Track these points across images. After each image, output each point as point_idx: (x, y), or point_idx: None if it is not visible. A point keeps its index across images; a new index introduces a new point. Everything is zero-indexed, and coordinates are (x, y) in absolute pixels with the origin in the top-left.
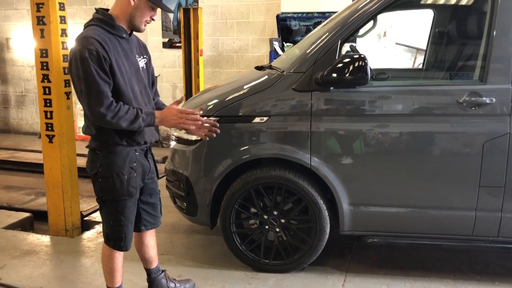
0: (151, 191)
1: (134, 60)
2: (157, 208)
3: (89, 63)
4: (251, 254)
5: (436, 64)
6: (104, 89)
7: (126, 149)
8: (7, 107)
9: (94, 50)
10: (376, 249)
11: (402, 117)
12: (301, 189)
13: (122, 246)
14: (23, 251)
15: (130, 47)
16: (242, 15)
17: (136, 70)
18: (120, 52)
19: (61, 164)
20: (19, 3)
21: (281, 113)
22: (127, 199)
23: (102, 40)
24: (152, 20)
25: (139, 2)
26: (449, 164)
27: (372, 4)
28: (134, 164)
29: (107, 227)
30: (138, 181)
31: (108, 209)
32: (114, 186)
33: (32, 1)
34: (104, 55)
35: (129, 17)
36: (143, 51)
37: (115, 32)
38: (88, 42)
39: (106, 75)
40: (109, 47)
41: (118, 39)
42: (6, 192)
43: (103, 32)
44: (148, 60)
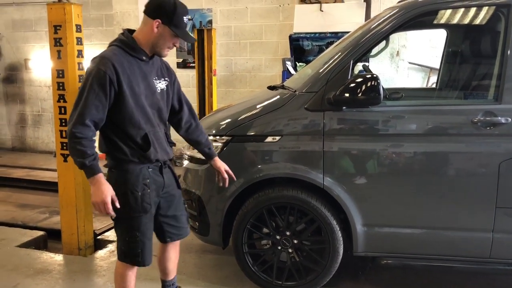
0: (169, 204)
1: (151, 82)
2: (181, 219)
3: (93, 82)
4: (264, 275)
5: (450, 83)
6: (90, 110)
7: (139, 166)
8: (24, 126)
9: (103, 71)
10: (391, 270)
11: (416, 137)
12: (314, 209)
13: (140, 261)
14: (36, 270)
15: (150, 70)
16: (255, 35)
17: (152, 92)
18: (138, 74)
19: (75, 183)
20: (38, 25)
21: (294, 132)
22: (141, 215)
23: (116, 62)
24: (174, 46)
25: (162, 30)
26: (465, 185)
27: (384, 24)
28: (147, 180)
29: (123, 244)
30: (152, 197)
31: (123, 226)
32: (128, 203)
33: (50, 23)
34: (111, 78)
35: (152, 43)
36: (165, 73)
37: (135, 54)
38: (101, 62)
39: (105, 97)
40: (124, 69)
41: (137, 61)
42: (21, 210)
43: (122, 54)
44: (170, 82)
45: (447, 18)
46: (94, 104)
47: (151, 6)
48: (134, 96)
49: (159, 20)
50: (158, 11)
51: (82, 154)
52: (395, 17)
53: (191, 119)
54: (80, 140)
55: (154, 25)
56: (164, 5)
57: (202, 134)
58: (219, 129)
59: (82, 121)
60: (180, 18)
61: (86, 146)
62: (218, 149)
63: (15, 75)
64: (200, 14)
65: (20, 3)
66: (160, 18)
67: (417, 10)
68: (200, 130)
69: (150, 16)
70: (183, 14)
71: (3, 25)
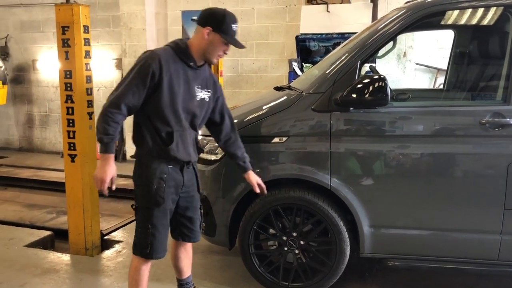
0: (188, 205)
1: (192, 88)
2: (195, 223)
3: (137, 71)
4: (270, 276)
5: (457, 84)
6: (127, 95)
7: (158, 161)
8: (32, 126)
9: (149, 63)
10: (398, 272)
11: (423, 138)
12: (321, 210)
13: (148, 253)
14: (44, 269)
15: (194, 77)
16: (262, 36)
17: (190, 98)
18: (181, 76)
19: (82, 183)
20: (46, 26)
21: (300, 133)
22: (153, 207)
23: (164, 59)
24: (225, 54)
25: (213, 37)
26: (472, 186)
27: (392, 25)
28: (164, 175)
29: (136, 235)
30: (168, 193)
31: (139, 217)
32: (143, 194)
33: (58, 24)
34: (154, 71)
35: (203, 50)
36: (211, 86)
37: (184, 59)
38: (150, 56)
39: (142, 86)
40: (169, 67)
41: (184, 65)
42: (28, 210)
43: (172, 55)
44: (212, 95)
45: (454, 18)
46: (132, 90)
47: (203, 15)
48: (171, 94)
49: (210, 27)
50: (208, 19)
51: (105, 131)
52: (403, 18)
53: (231, 133)
54: (108, 120)
55: (205, 32)
56: (214, 14)
57: (239, 148)
58: None
59: (118, 104)
60: (229, 26)
61: (111, 126)
62: None
63: (23, 76)
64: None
65: (28, 4)
66: (211, 26)
67: (424, 11)
68: (238, 144)
69: (201, 24)
70: (232, 22)
71: (11, 26)
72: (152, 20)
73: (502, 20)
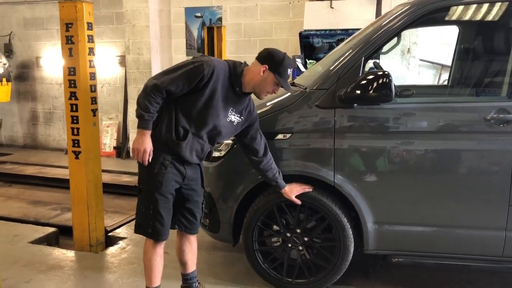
0: (188, 197)
1: (228, 109)
2: (194, 215)
3: (191, 68)
4: (274, 273)
5: (461, 80)
6: (173, 82)
7: (164, 148)
8: (36, 123)
9: (203, 67)
10: (402, 269)
11: (427, 134)
12: (325, 207)
13: (150, 233)
14: (49, 266)
15: (233, 100)
16: (265, 33)
17: (223, 116)
18: (222, 93)
19: (86, 180)
20: (49, 23)
21: (304, 130)
22: (153, 191)
23: (218, 71)
24: (273, 92)
25: (267, 75)
26: (477, 183)
27: (396, 21)
28: (166, 162)
29: (140, 216)
30: (168, 178)
31: (142, 197)
32: (144, 176)
33: (62, 21)
34: (204, 76)
35: (254, 83)
36: (245, 113)
37: (233, 81)
38: (208, 63)
39: (187, 83)
40: (218, 80)
41: (229, 87)
42: (33, 207)
43: (226, 72)
44: (243, 121)
45: (459, 14)
46: (177, 83)
47: (264, 53)
48: (207, 103)
49: (267, 65)
50: (268, 58)
51: (147, 109)
52: (407, 13)
53: (263, 157)
54: (151, 100)
55: (261, 69)
56: (274, 55)
57: (271, 170)
58: None
59: (161, 88)
60: (285, 69)
61: (153, 106)
62: (228, 147)
63: (26, 73)
64: (210, 11)
65: (31, 2)
66: (268, 65)
67: (429, 7)
68: (270, 166)
69: (260, 61)
70: (288, 66)
71: (15, 23)
72: (155, 17)
73: (507, 15)
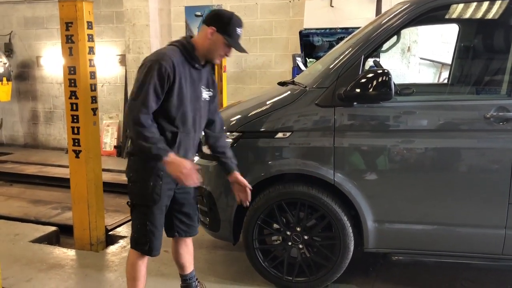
0: (184, 201)
1: (198, 89)
2: (192, 218)
3: (153, 75)
4: (274, 271)
5: (462, 78)
6: (150, 100)
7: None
8: (36, 123)
9: (164, 66)
10: (402, 267)
11: (427, 132)
12: (325, 205)
13: (147, 250)
14: (49, 265)
15: (199, 77)
16: (265, 31)
17: (196, 98)
18: (188, 78)
19: (87, 179)
20: (49, 23)
21: (304, 128)
22: (151, 205)
23: (176, 62)
24: (226, 56)
25: (216, 38)
26: (477, 181)
27: (395, 19)
28: (161, 172)
29: (135, 231)
30: (164, 190)
31: (136, 213)
32: (140, 191)
33: (62, 20)
34: (170, 74)
35: (206, 49)
36: (211, 85)
37: (191, 60)
38: (163, 58)
39: (161, 91)
40: (179, 69)
41: (190, 67)
42: (34, 206)
43: (180, 56)
44: (213, 95)
45: (458, 12)
46: (153, 95)
47: (209, 15)
48: (180, 96)
49: (214, 27)
50: (214, 19)
51: (152, 140)
52: (406, 12)
53: (220, 132)
54: (148, 128)
55: (208, 31)
56: (221, 14)
57: (227, 148)
58: (229, 125)
59: (146, 111)
60: (234, 28)
61: (153, 132)
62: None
63: (27, 72)
64: (210, 10)
65: (32, 1)
66: (215, 26)
67: (428, 5)
68: (226, 143)
69: (206, 23)
70: (237, 25)
71: (15, 22)
72: (155, 16)
73: (507, 13)
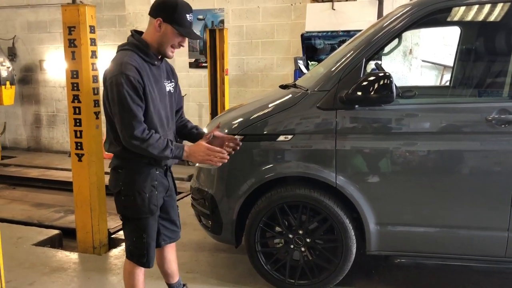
0: (170, 208)
1: (162, 85)
2: (176, 223)
3: (124, 89)
4: (277, 274)
5: (463, 81)
6: (137, 113)
7: (148, 167)
8: (39, 126)
9: (131, 76)
10: (404, 269)
11: (429, 135)
12: (327, 208)
13: (145, 262)
14: (52, 268)
15: (160, 73)
16: (267, 34)
17: (163, 95)
18: (151, 78)
19: (89, 182)
20: (52, 27)
21: (306, 131)
22: (148, 216)
23: (138, 66)
24: (180, 46)
25: (165, 28)
26: (479, 183)
27: (397, 22)
28: (155, 182)
29: (131, 244)
30: (159, 199)
31: (131, 226)
32: (136, 204)
33: (64, 25)
34: (139, 81)
35: (157, 43)
36: (171, 75)
37: (148, 59)
38: (126, 68)
39: (140, 99)
40: (143, 72)
41: (149, 65)
42: (36, 209)
43: (137, 58)
44: (175, 83)
45: (460, 15)
46: (136, 109)
47: (153, 5)
48: (152, 100)
49: (160, 18)
50: (159, 9)
51: (162, 148)
52: (408, 15)
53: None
54: (149, 139)
55: (156, 23)
56: (165, 3)
57: (188, 122)
58: (231, 128)
59: (135, 123)
60: (183, 15)
61: (157, 138)
62: None
63: (30, 76)
64: (212, 14)
65: (35, 5)
66: (162, 16)
67: (430, 8)
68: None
69: (152, 15)
70: (185, 11)
71: (18, 27)
72: None
73: (509, 16)
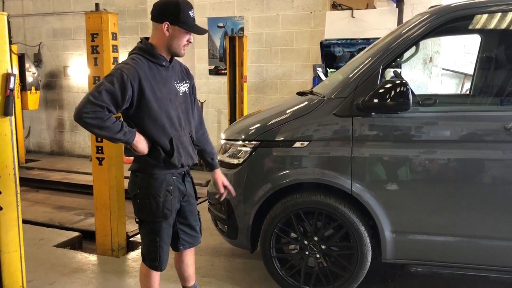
0: (188, 213)
1: (173, 86)
2: (195, 228)
3: (114, 79)
4: (291, 280)
5: (484, 89)
6: (104, 99)
7: (164, 172)
8: (62, 131)
9: (126, 74)
10: (420, 278)
11: (448, 143)
12: (342, 215)
13: (157, 266)
14: (72, 269)
15: (170, 74)
16: (286, 42)
17: (174, 96)
18: (159, 79)
19: (109, 186)
20: (77, 34)
21: (322, 138)
22: (161, 220)
23: (139, 68)
24: (189, 43)
25: (172, 31)
26: (499, 192)
27: (415, 30)
28: (170, 187)
29: (144, 246)
30: (174, 204)
31: (145, 230)
32: (150, 208)
33: (88, 32)
34: (132, 83)
35: (167, 46)
36: (185, 76)
37: (155, 60)
38: (125, 67)
39: (120, 95)
40: (146, 75)
41: (158, 67)
42: (58, 212)
43: (143, 61)
44: (190, 84)
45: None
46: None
47: (156, 11)
48: (157, 100)
49: (167, 22)
50: (163, 13)
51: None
52: (426, 22)
53: (199, 126)
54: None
55: (164, 28)
56: (167, 6)
57: (208, 143)
58: (248, 134)
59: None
60: (186, 14)
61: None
62: (247, 154)
63: (54, 82)
64: (232, 21)
65: (60, 13)
66: (168, 20)
67: (448, 16)
68: (206, 139)
69: (157, 21)
70: (187, 9)
71: (44, 34)
72: None
73: None
